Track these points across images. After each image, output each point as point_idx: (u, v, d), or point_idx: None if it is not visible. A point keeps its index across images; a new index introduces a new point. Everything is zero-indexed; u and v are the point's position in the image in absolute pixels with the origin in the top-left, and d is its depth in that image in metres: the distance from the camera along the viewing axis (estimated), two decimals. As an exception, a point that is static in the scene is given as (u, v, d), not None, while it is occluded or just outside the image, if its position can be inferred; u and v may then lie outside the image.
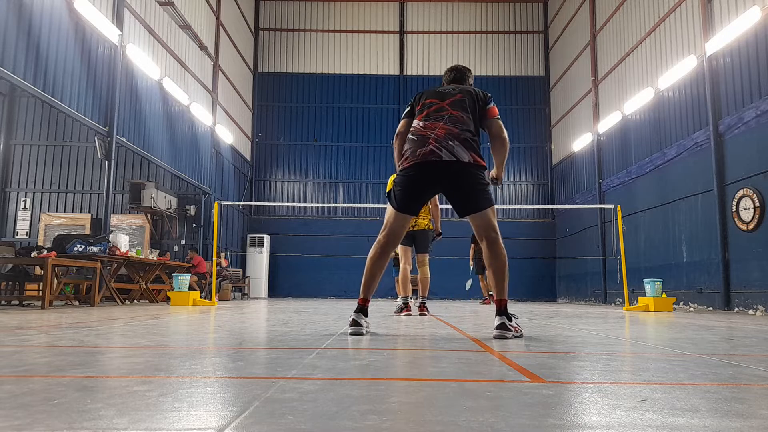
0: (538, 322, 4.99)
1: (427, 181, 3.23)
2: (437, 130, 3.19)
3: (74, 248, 8.00)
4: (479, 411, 1.24)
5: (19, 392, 1.39)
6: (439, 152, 3.13)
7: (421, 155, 3.16)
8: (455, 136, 3.16)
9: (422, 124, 3.28)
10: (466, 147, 3.16)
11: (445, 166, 3.13)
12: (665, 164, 11.99)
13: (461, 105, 3.31)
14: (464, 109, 3.29)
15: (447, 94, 3.40)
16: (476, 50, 20.66)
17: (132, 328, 3.63)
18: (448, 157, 3.11)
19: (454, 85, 3.54)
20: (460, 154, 3.13)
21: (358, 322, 3.22)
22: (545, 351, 2.55)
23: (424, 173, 3.19)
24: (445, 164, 3.13)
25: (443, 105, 3.31)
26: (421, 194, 3.30)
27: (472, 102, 3.36)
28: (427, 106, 3.35)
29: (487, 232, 3.24)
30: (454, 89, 3.43)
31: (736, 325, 5.10)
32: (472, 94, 3.40)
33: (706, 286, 10.40)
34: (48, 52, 8.36)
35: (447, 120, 3.23)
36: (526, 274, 18.90)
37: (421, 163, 3.16)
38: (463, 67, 3.78)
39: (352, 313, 3.29)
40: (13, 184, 15.59)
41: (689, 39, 11.30)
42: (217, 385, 1.59)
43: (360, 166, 19.92)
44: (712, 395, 1.48)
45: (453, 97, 3.36)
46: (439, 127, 3.20)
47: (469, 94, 3.39)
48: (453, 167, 3.14)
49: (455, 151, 3.12)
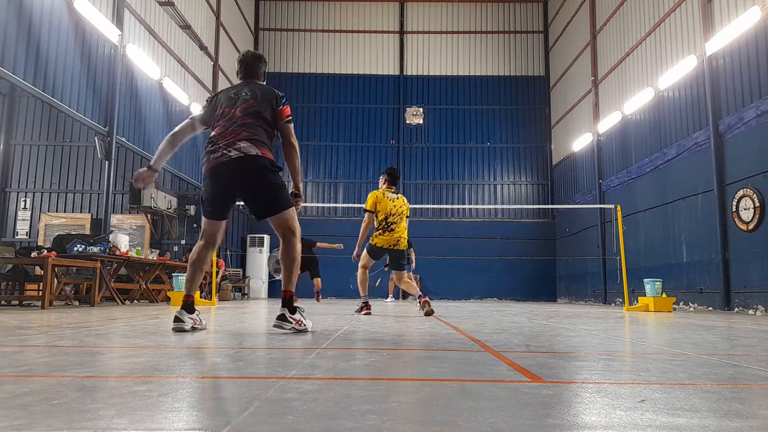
0: (538, 322, 4.99)
1: (223, 183, 3.29)
2: (227, 138, 3.27)
3: (74, 248, 8.00)
4: (479, 411, 1.24)
5: (19, 392, 1.39)
6: (228, 153, 3.21)
7: (213, 160, 3.26)
8: (243, 138, 3.25)
9: (216, 136, 3.34)
10: (254, 144, 3.24)
11: (234, 164, 3.20)
12: (665, 164, 11.99)
13: (253, 112, 3.35)
14: (256, 115, 3.34)
15: (239, 99, 3.41)
16: (476, 50, 20.66)
17: (132, 328, 3.63)
18: (236, 155, 3.20)
19: (248, 87, 3.49)
20: (247, 149, 3.21)
21: (180, 319, 3.33)
22: (545, 351, 2.55)
23: (218, 176, 3.27)
24: (234, 161, 3.20)
25: (235, 113, 3.36)
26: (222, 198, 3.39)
27: (266, 104, 3.41)
28: (222, 117, 3.40)
29: (284, 230, 3.38)
30: (247, 93, 3.43)
31: (736, 325, 5.10)
32: (267, 96, 3.43)
33: (706, 286, 10.39)
34: (48, 52, 8.36)
35: (237, 126, 3.30)
36: (526, 274, 18.90)
37: (214, 167, 3.26)
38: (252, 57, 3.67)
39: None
40: (13, 184, 15.59)
41: (689, 39, 11.30)
42: (217, 385, 1.59)
43: (360, 166, 19.92)
44: (712, 395, 1.48)
45: (245, 103, 3.39)
46: (229, 132, 3.28)
47: (263, 96, 3.42)
48: (242, 163, 3.20)
49: (242, 148, 3.21)
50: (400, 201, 6.26)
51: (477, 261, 18.30)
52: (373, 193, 6.26)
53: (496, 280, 18.75)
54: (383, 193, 6.20)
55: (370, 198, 6.20)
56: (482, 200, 19.70)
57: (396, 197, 6.23)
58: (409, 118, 20.12)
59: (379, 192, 6.23)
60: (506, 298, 18.76)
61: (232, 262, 17.13)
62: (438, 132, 20.15)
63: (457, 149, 20.09)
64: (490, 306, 10.95)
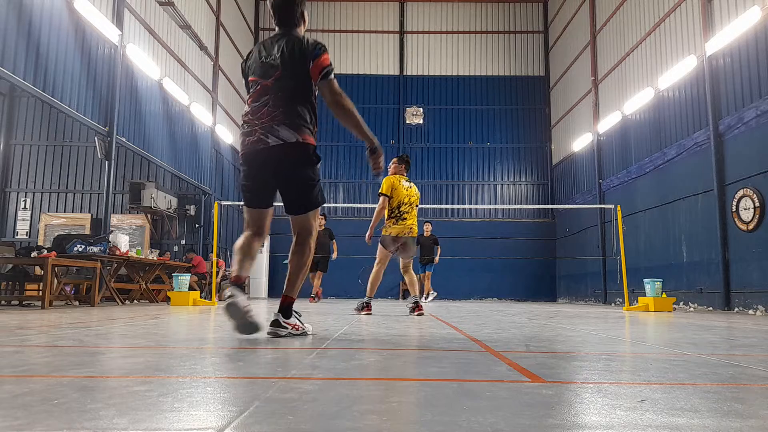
0: (538, 322, 4.99)
1: (261, 171, 3.05)
2: (263, 119, 3.01)
3: (74, 248, 8.00)
4: (479, 411, 1.24)
5: (19, 392, 1.39)
6: (266, 139, 2.99)
7: (250, 145, 3.04)
8: (281, 122, 2.98)
9: (250, 111, 3.09)
10: (294, 129, 2.99)
11: (273, 152, 2.98)
12: (665, 164, 11.99)
13: (284, 85, 3.03)
14: (286, 92, 3.03)
15: (269, 66, 3.07)
16: (476, 50, 20.66)
17: (132, 328, 3.63)
18: (274, 143, 2.97)
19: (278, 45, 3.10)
20: (287, 136, 2.97)
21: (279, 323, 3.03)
22: (545, 351, 2.55)
23: (255, 163, 3.05)
24: (272, 149, 2.98)
25: (267, 85, 3.05)
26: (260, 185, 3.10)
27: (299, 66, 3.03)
28: (254, 87, 3.12)
29: (301, 230, 3.16)
30: (276, 58, 3.06)
31: (736, 325, 5.10)
32: (300, 55, 3.04)
33: (706, 286, 10.40)
34: (48, 52, 8.36)
35: (271, 105, 3.02)
36: (526, 274, 18.90)
37: (251, 153, 3.04)
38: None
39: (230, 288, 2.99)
40: (13, 184, 15.59)
41: (689, 39, 11.30)
42: (217, 385, 1.59)
43: (360, 166, 19.92)
44: (712, 395, 1.48)
45: (275, 72, 3.04)
46: (264, 112, 3.02)
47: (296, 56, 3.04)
48: (281, 151, 2.98)
49: (281, 134, 2.97)
50: (413, 190, 6.17)
51: (477, 261, 18.30)
52: (389, 177, 6.09)
53: (496, 280, 18.75)
54: (399, 180, 6.04)
55: (385, 182, 6.02)
56: (482, 200, 19.71)
57: (409, 185, 6.13)
58: (409, 118, 20.12)
59: (395, 178, 6.06)
60: (506, 298, 18.76)
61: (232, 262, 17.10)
62: (438, 132, 20.16)
63: (457, 149, 20.09)
64: (490, 306, 10.95)
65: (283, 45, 3.08)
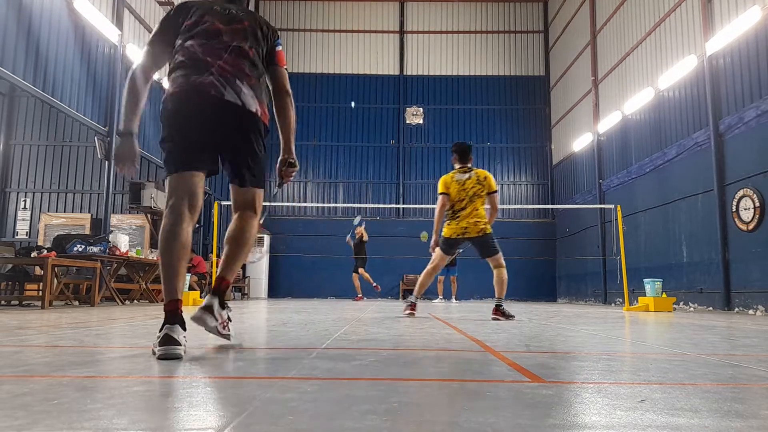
0: (538, 322, 4.99)
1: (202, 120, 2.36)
2: (221, 62, 2.40)
3: (74, 248, 8.00)
4: (479, 411, 1.24)
5: (19, 392, 1.39)
6: (221, 89, 2.36)
7: (197, 84, 2.35)
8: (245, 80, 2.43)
9: (199, 47, 2.42)
10: (257, 96, 2.48)
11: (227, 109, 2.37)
12: (665, 164, 11.99)
13: (250, 39, 2.53)
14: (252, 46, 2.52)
15: (232, 17, 2.53)
16: (476, 50, 20.65)
17: (132, 328, 3.63)
18: (232, 100, 2.37)
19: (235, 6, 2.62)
20: (248, 101, 2.42)
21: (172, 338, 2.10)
22: (545, 351, 2.55)
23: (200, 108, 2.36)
24: (228, 106, 2.37)
25: (225, 29, 2.48)
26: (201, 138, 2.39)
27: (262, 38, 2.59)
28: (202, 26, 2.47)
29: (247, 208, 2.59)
30: (237, 12, 2.57)
31: (736, 325, 5.10)
32: (260, 24, 2.61)
33: (706, 286, 10.39)
34: (48, 52, 8.36)
35: (231, 51, 2.45)
36: (526, 274, 18.88)
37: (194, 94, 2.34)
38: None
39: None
40: (13, 184, 15.59)
41: (689, 39, 11.29)
42: (217, 385, 1.59)
43: (360, 166, 19.92)
44: (712, 395, 1.48)
45: (238, 23, 2.52)
46: (224, 59, 2.42)
47: (257, 23, 2.60)
48: (237, 113, 2.40)
49: (243, 95, 2.40)
50: (472, 180, 5.53)
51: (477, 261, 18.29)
52: (442, 177, 5.69)
53: (496, 280, 18.72)
54: (452, 176, 5.58)
55: (440, 182, 5.66)
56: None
57: (465, 178, 5.53)
58: (409, 118, 20.12)
59: (449, 175, 5.61)
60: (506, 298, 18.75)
61: (232, 262, 17.10)
62: (438, 132, 20.15)
63: (457, 149, 20.07)
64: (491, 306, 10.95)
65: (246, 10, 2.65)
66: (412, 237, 18.53)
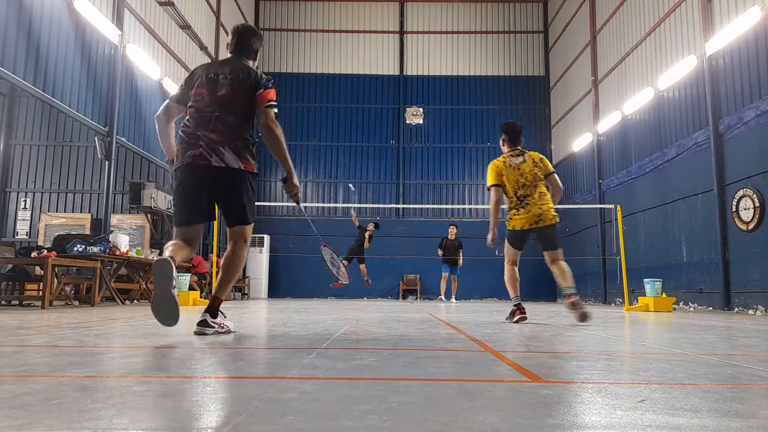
0: (538, 322, 4.99)
1: (197, 187, 3.14)
2: (209, 134, 3.11)
3: (74, 248, 8.00)
4: (479, 411, 1.24)
5: (19, 392, 1.39)
6: (209, 158, 3.08)
7: (191, 158, 3.09)
8: (225, 143, 3.10)
9: (192, 126, 3.16)
10: (238, 155, 3.13)
11: (215, 172, 3.09)
12: (665, 164, 11.99)
13: (231, 103, 3.16)
14: (233, 110, 3.16)
15: (218, 83, 3.20)
16: (476, 50, 20.65)
17: (132, 328, 3.63)
18: (217, 164, 3.08)
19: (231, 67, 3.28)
20: (230, 161, 3.10)
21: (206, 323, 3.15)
22: (545, 351, 2.56)
23: (195, 173, 3.11)
24: (214, 170, 3.09)
25: (213, 99, 3.17)
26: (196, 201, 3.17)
27: (246, 90, 3.20)
28: (198, 99, 3.20)
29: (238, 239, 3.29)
30: (227, 76, 3.21)
31: (736, 325, 5.10)
32: (249, 79, 3.22)
33: (706, 286, 10.39)
34: (48, 52, 8.36)
35: (215, 122, 3.13)
36: (526, 274, 18.65)
37: (191, 166, 3.10)
38: (245, 29, 3.50)
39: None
40: (13, 184, 15.58)
41: (689, 39, 11.29)
42: (217, 385, 1.59)
43: (360, 166, 19.91)
44: (712, 395, 1.48)
45: (224, 89, 3.18)
46: (211, 130, 3.11)
47: (244, 80, 3.21)
48: (223, 174, 3.11)
49: (225, 158, 3.09)
50: (528, 164, 4.91)
51: (477, 261, 18.30)
52: (492, 163, 5.01)
53: (496, 280, 18.72)
54: (503, 161, 4.94)
55: (489, 170, 4.97)
56: (482, 200, 19.70)
57: (521, 161, 4.91)
58: (409, 118, 20.12)
59: (499, 160, 4.96)
60: (506, 298, 18.75)
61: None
62: (438, 132, 20.15)
63: (457, 149, 20.08)
64: (491, 306, 10.95)
65: (236, 68, 3.28)
66: (412, 237, 18.55)
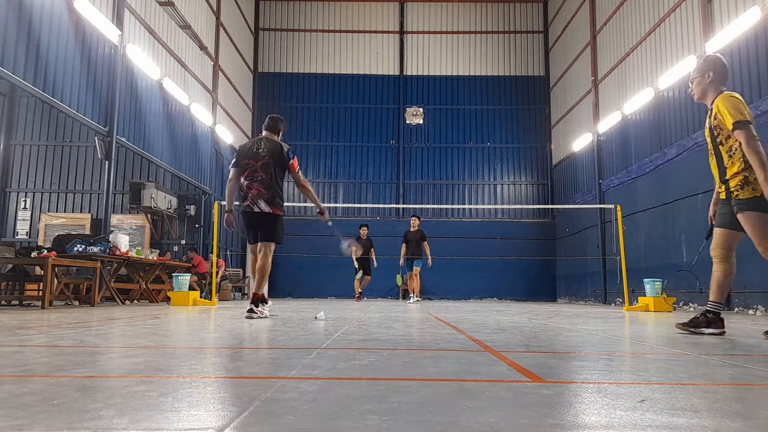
0: (538, 322, 4.99)
1: (249, 221, 5.31)
2: (253, 191, 5.18)
3: (74, 248, 8.00)
4: (479, 411, 1.24)
5: (19, 392, 1.39)
6: (252, 206, 5.21)
7: (246, 207, 5.24)
8: (262, 196, 5.17)
9: (246, 184, 5.24)
10: (269, 203, 5.18)
11: (256, 215, 5.23)
12: (665, 164, 11.99)
13: (268, 168, 5.20)
14: (270, 172, 5.21)
15: (259, 156, 5.21)
16: (476, 50, 20.65)
17: (132, 328, 3.63)
18: (257, 211, 5.20)
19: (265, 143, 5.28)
20: (263, 207, 5.19)
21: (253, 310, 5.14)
22: (545, 351, 2.56)
23: (247, 216, 5.29)
24: (256, 214, 5.22)
25: (257, 167, 5.19)
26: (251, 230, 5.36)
27: (278, 159, 5.24)
28: (247, 167, 5.24)
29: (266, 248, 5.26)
30: (264, 150, 5.23)
31: (736, 325, 5.10)
32: (277, 154, 5.24)
33: (706, 286, 10.37)
34: (48, 52, 8.36)
35: (259, 182, 5.17)
36: (526, 274, 18.89)
37: (245, 213, 5.27)
38: (277, 119, 5.49)
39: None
40: (13, 184, 15.59)
41: (689, 39, 11.29)
42: (217, 385, 1.59)
43: (360, 166, 19.91)
44: (712, 395, 1.48)
45: (263, 159, 5.20)
46: (254, 188, 5.18)
47: (274, 154, 5.23)
48: (260, 215, 5.22)
49: (261, 206, 5.19)
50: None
51: (477, 261, 18.30)
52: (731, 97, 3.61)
53: (496, 280, 18.75)
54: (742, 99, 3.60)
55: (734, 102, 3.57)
56: (482, 200, 19.70)
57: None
58: (409, 118, 20.12)
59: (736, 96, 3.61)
60: (506, 298, 18.76)
61: (232, 262, 17.13)
62: (438, 132, 20.15)
63: (457, 149, 20.08)
64: (491, 306, 10.94)
65: (270, 144, 5.31)
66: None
